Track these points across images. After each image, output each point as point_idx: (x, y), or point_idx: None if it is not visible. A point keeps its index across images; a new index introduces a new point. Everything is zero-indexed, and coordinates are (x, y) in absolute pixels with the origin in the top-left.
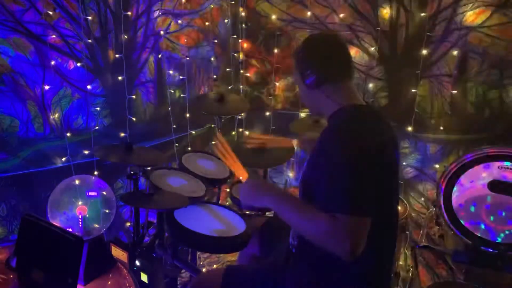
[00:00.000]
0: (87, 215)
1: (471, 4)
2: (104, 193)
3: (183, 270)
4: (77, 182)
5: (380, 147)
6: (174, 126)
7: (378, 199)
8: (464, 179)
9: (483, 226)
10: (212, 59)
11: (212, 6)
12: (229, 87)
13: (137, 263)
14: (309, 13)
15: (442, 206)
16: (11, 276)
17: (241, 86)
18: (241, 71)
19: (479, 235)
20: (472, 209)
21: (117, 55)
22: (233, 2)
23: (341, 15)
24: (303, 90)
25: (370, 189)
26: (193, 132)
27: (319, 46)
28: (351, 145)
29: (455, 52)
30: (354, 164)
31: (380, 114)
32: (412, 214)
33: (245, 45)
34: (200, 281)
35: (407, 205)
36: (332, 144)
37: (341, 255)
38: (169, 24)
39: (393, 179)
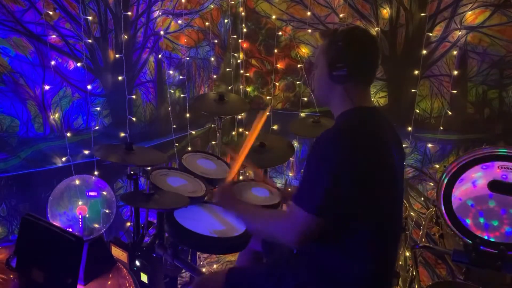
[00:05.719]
0: (87, 215)
1: (471, 4)
2: (104, 193)
3: (183, 270)
4: (77, 182)
5: (378, 152)
6: (174, 126)
7: (374, 203)
8: (464, 179)
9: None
10: (212, 59)
11: (212, 6)
12: (229, 87)
13: (137, 263)
14: (309, 13)
15: (442, 206)
16: (11, 276)
17: (241, 86)
18: (241, 71)
19: (479, 235)
20: (472, 208)
21: (117, 55)
22: (233, 2)
23: (341, 15)
24: (323, 79)
25: (338, 191)
26: (193, 132)
27: (361, 44)
28: (344, 145)
29: (455, 52)
30: (331, 165)
31: (387, 118)
32: (412, 214)
33: (245, 45)
34: (202, 282)
35: (407, 205)
36: (326, 141)
37: (286, 242)
38: (169, 24)
39: (392, 183)
